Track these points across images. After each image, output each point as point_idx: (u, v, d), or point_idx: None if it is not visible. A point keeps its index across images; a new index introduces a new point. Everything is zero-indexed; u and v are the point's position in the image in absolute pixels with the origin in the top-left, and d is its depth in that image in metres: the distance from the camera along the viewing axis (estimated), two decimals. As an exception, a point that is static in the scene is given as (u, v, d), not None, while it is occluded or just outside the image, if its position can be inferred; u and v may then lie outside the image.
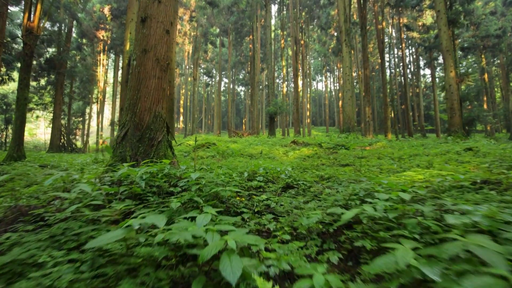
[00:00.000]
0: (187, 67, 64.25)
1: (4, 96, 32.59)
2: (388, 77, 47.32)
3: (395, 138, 17.05)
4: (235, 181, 3.36)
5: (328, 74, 75.00)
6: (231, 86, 57.28)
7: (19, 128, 10.55)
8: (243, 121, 74.15)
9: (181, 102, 74.98)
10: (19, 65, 27.43)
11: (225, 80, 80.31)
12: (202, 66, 58.19)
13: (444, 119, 45.31)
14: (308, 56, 56.71)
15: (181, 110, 75.10)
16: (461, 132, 13.33)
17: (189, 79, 63.48)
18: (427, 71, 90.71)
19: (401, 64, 55.27)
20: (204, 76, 67.38)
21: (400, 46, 48.62)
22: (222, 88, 77.83)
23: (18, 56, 19.69)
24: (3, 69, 21.32)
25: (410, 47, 54.61)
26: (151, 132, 3.58)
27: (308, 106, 54.30)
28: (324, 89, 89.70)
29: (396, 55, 52.50)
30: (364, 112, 43.68)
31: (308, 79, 56.56)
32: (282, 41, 39.30)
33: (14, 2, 17.60)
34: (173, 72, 22.33)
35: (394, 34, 52.45)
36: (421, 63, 57.09)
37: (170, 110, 21.71)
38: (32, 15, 11.24)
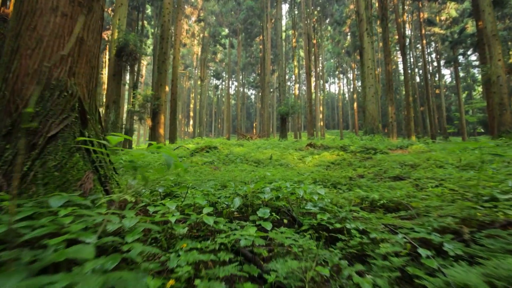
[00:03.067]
0: (196, 70, 63.26)
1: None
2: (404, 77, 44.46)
3: (430, 140, 14.75)
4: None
5: (341, 76, 72.46)
6: (241, 88, 55.83)
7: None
8: (254, 124, 72.71)
9: (191, 106, 74.14)
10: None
11: (236, 83, 78.95)
12: (212, 69, 57.06)
13: (469, 120, 42.40)
14: (320, 57, 54.71)
15: (191, 113, 74.22)
16: (513, 132, 11.02)
17: (199, 82, 62.37)
18: (445, 71, 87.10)
19: (419, 64, 52.60)
20: (214, 79, 66.40)
21: (420, 43, 45.93)
22: (232, 92, 76.72)
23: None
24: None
25: (428, 46, 51.73)
26: (34, 119, 1.72)
27: (321, 108, 52.03)
28: (337, 92, 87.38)
29: (414, 54, 49.73)
30: (380, 112, 41.12)
31: (321, 81, 54.40)
32: (294, 40, 37.49)
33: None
34: (177, 71, 20.82)
35: (411, 33, 49.71)
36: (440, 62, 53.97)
37: (173, 111, 20.16)
38: (8, 0, 9.79)
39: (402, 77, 60.18)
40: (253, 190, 2.42)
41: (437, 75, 50.88)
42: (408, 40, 46.10)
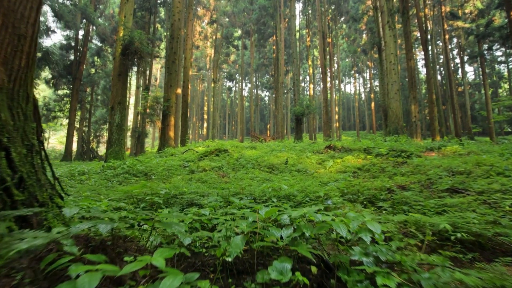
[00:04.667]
0: (210, 72, 63.19)
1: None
2: (424, 75, 42.23)
3: (456, 139, 13.46)
4: None
5: (357, 75, 70.48)
6: (254, 90, 55.25)
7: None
8: (268, 126, 71.98)
9: (205, 108, 74.16)
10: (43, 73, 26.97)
11: (249, 85, 78.37)
12: (225, 71, 56.83)
13: (496, 119, 39.95)
14: (335, 56, 53.34)
15: (205, 116, 74.27)
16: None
17: (212, 84, 62.23)
18: (468, 69, 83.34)
19: (441, 61, 50.21)
20: (227, 81, 66.19)
21: (440, 39, 43.80)
22: (246, 93, 76.28)
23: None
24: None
25: (449, 42, 49.24)
26: None
27: (337, 109, 50.62)
28: (352, 92, 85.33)
29: (435, 51, 47.47)
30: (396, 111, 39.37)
31: (337, 81, 52.99)
32: (308, 39, 36.51)
33: None
34: (188, 72, 20.37)
35: (431, 28, 47.48)
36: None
37: (185, 113, 19.68)
38: None
39: (421, 75, 57.80)
40: (264, 219, 1.62)
41: (459, 72, 48.49)
42: (429, 36, 44.07)
